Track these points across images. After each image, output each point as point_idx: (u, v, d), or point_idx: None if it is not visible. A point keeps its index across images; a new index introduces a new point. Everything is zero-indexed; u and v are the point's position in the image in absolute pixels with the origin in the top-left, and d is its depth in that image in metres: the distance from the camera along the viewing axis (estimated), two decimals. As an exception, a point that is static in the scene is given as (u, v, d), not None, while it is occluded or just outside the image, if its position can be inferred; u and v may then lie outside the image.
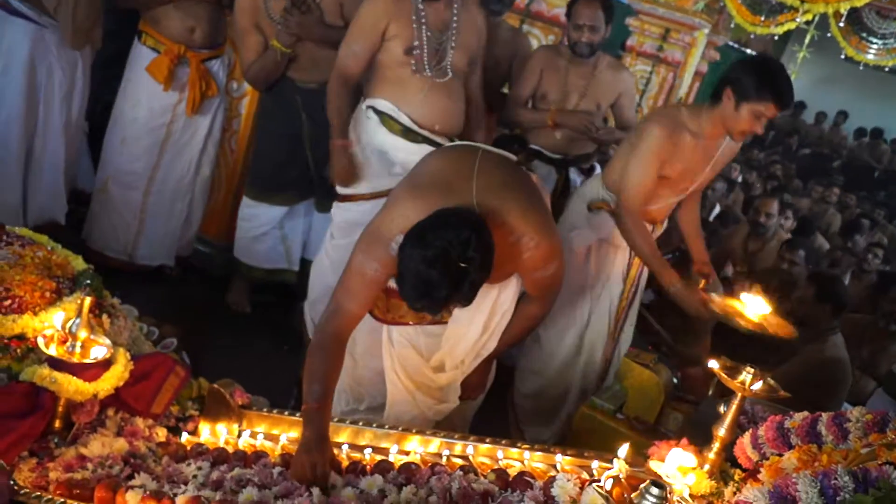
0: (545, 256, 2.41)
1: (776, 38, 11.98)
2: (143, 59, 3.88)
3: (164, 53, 3.83)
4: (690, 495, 1.85)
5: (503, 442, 2.28)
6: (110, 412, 2.28)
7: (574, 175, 4.07)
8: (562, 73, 3.94)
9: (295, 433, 2.40)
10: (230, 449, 2.34)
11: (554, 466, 2.18)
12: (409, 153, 3.21)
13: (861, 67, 8.82)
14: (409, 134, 3.26)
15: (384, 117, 3.28)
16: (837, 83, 13.86)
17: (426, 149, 3.15)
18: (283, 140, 3.82)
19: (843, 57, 8.19)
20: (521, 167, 2.64)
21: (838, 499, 1.41)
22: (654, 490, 1.34)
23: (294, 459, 2.11)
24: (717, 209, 7.56)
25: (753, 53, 14.66)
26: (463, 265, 2.07)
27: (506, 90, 4.27)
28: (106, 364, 2.16)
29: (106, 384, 2.14)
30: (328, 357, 2.31)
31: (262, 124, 4.03)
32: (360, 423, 2.42)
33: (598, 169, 4.05)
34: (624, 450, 1.48)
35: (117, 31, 4.04)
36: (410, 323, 2.63)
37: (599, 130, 3.90)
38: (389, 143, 3.29)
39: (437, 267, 2.06)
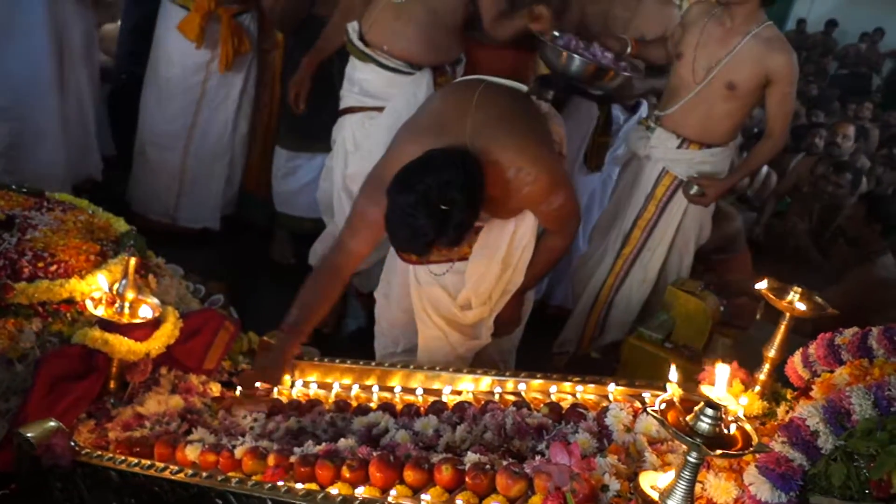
0: (545, 189, 2.37)
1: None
2: (173, 18, 3.87)
3: (194, 10, 3.81)
4: (744, 415, 1.84)
5: (554, 377, 2.29)
6: (163, 370, 2.33)
7: (617, 112, 3.98)
8: (604, 4, 3.79)
9: (348, 380, 2.43)
10: (284, 399, 2.38)
11: (606, 397, 2.19)
12: (364, 72, 3.27)
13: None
14: (359, 53, 3.26)
15: (348, 37, 3.31)
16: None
17: (376, 70, 3.22)
18: (315, 84, 3.72)
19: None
20: (532, 98, 2.60)
21: (892, 409, 1.40)
22: (709, 411, 1.33)
23: (252, 367, 2.31)
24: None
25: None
26: (444, 207, 2.07)
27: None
28: (155, 323, 2.20)
29: (157, 343, 2.19)
30: (319, 288, 2.37)
31: (292, 71, 4.00)
32: (411, 367, 2.44)
33: (644, 106, 3.95)
34: (675, 373, 1.48)
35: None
36: (419, 262, 2.61)
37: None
38: (352, 62, 3.33)
39: (418, 211, 2.07)
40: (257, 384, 2.40)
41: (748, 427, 1.39)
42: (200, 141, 4.08)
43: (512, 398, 2.23)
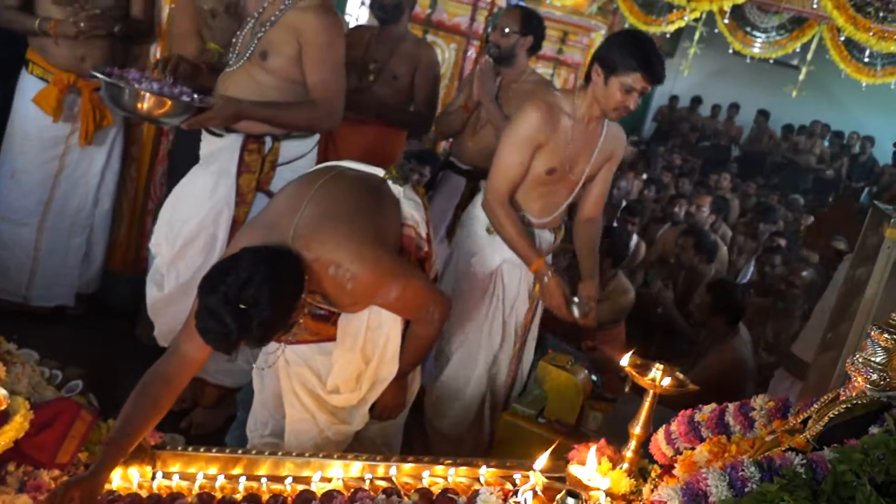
0: (370, 285, 2.35)
1: (668, 35, 12.44)
2: (31, 90, 3.73)
3: (52, 83, 3.68)
4: (611, 495, 1.87)
5: (426, 460, 2.27)
6: (11, 467, 2.16)
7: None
8: (489, 83, 3.92)
9: (213, 470, 2.33)
10: (144, 493, 2.25)
11: (478, 479, 2.17)
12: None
13: (748, 60, 9.23)
14: None
15: None
16: (728, 76, 14.38)
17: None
18: (190, 156, 3.54)
19: (731, 51, 8.53)
20: (386, 183, 2.61)
21: (746, 489, 1.45)
22: (570, 501, 1.34)
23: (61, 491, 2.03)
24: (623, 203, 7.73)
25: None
26: (243, 307, 2.05)
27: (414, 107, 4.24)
28: (2, 416, 2.06)
29: (3, 438, 2.04)
30: (148, 397, 2.24)
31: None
32: (280, 453, 2.36)
33: None
34: (541, 462, 1.49)
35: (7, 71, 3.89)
36: (287, 341, 2.53)
37: None
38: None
39: (221, 310, 2.05)
40: None
41: (609, 514, 1.42)
42: (57, 216, 3.91)
43: (383, 484, 2.19)
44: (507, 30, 3.82)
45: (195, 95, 3.01)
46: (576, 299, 3.14)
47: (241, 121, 3.06)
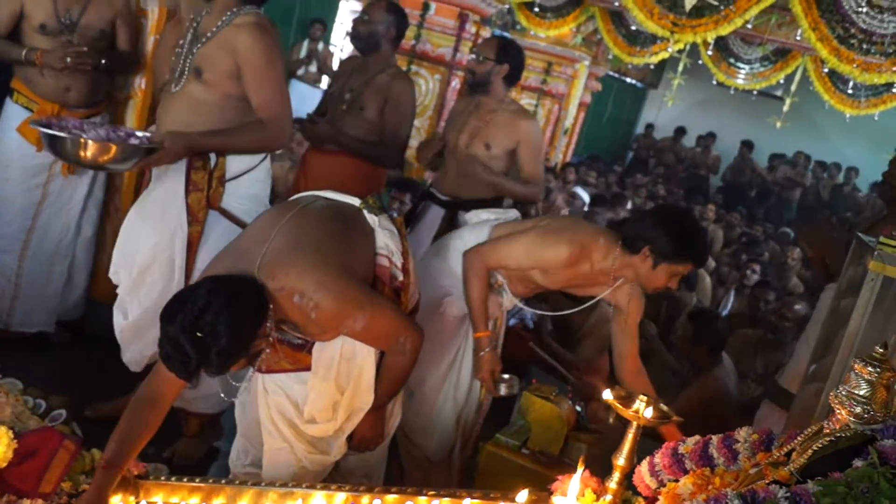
0: (334, 314, 2.34)
1: (652, 66, 12.62)
2: (15, 118, 3.72)
3: (36, 113, 3.66)
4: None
5: (409, 491, 2.26)
6: (-7, 497, 2.16)
7: (466, 218, 4.04)
8: (462, 114, 3.95)
9: (196, 499, 2.32)
10: (126, 524, 2.24)
11: (461, 511, 2.17)
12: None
13: (732, 91, 9.36)
14: None
15: None
16: (712, 107, 14.54)
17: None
18: None
19: (715, 82, 8.65)
20: (362, 213, 2.60)
21: (730, 523, 1.45)
22: (555, 533, 1.35)
23: None
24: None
25: (635, 83, 15.32)
26: (200, 335, 2.06)
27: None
28: (-16, 447, 2.05)
29: (-15, 469, 2.03)
30: (137, 419, 2.29)
31: None
32: (263, 484, 2.36)
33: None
34: (523, 496, 1.49)
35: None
36: (264, 370, 2.54)
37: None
38: None
39: (181, 338, 2.07)
40: None
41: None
42: (39, 244, 3.88)
43: (367, 515, 2.18)
44: (482, 57, 3.86)
45: (139, 133, 3.03)
46: (505, 376, 3.14)
47: (193, 153, 3.06)
